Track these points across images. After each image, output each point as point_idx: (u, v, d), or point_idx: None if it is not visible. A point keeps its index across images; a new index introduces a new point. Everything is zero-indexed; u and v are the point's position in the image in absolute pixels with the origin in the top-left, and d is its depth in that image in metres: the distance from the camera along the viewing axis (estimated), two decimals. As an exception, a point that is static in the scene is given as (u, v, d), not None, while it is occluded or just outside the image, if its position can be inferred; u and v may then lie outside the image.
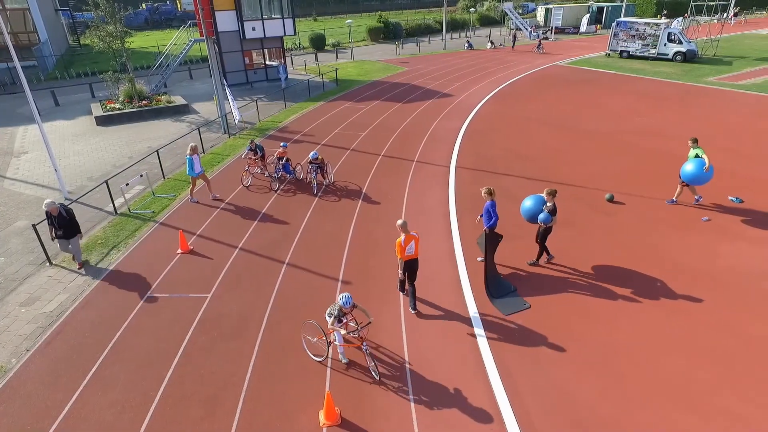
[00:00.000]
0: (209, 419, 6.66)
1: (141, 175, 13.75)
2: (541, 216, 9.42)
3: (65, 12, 48.50)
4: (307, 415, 6.67)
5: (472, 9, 56.62)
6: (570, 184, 13.88)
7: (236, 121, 20.59)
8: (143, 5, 64.70)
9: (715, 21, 43.53)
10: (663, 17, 46.40)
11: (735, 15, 54.54)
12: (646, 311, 8.63)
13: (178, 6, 61.38)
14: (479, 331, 8.24)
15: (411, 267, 8.44)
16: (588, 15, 51.55)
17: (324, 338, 7.56)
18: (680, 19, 45.79)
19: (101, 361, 7.76)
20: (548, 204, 9.45)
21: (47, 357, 7.86)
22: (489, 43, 42.97)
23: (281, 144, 14.97)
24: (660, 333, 8.08)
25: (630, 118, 20.28)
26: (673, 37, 33.16)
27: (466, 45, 42.58)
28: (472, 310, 8.74)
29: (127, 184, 13.17)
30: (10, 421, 6.69)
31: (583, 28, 51.21)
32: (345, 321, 7.35)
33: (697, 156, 11.74)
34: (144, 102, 22.92)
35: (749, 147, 16.56)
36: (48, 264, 10.57)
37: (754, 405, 6.68)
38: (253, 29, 27.09)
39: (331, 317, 7.19)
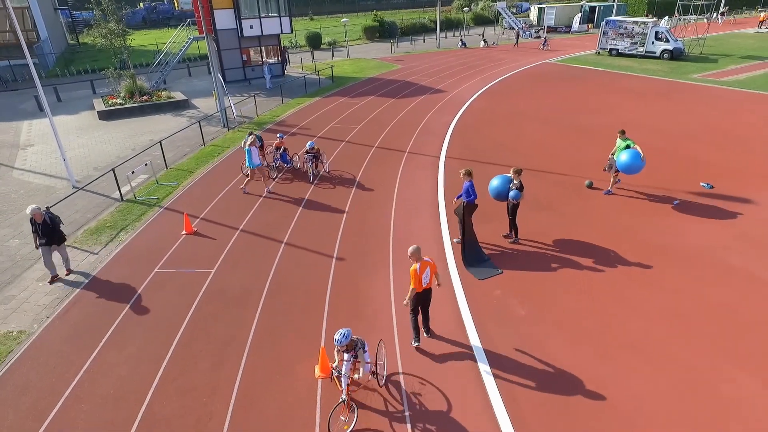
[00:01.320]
0: (216, 372, 7.41)
1: (146, 164, 14.47)
2: (512, 193, 10.26)
3: (64, 11, 49.06)
4: (304, 369, 7.43)
5: (466, 8, 57.45)
6: (552, 172, 14.69)
7: (234, 116, 21.30)
8: (141, 4, 65.30)
9: (705, 20, 44.45)
10: (648, 17, 47.39)
11: (722, 14, 55.59)
12: (614, 280, 9.43)
13: (176, 5, 61.93)
14: (461, 298, 9.01)
15: (426, 298, 7.64)
16: (580, 14, 52.46)
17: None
18: (667, 17, 46.74)
19: (116, 325, 8.50)
20: (515, 182, 10.29)
21: (66, 322, 8.60)
22: (482, 42, 43.78)
23: (278, 135, 15.72)
24: (624, 298, 8.89)
25: (616, 113, 21.09)
26: (660, 35, 34.08)
27: (460, 43, 43.39)
28: (457, 286, 9.50)
29: (132, 172, 13.88)
30: (37, 375, 7.43)
31: (575, 27, 52.13)
32: (350, 359, 6.59)
33: (628, 147, 12.36)
34: (145, 97, 23.61)
35: (724, 138, 17.41)
36: (61, 244, 11.27)
37: (703, 356, 7.48)
38: (251, 27, 27.82)
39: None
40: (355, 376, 6.82)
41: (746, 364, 7.32)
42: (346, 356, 6.59)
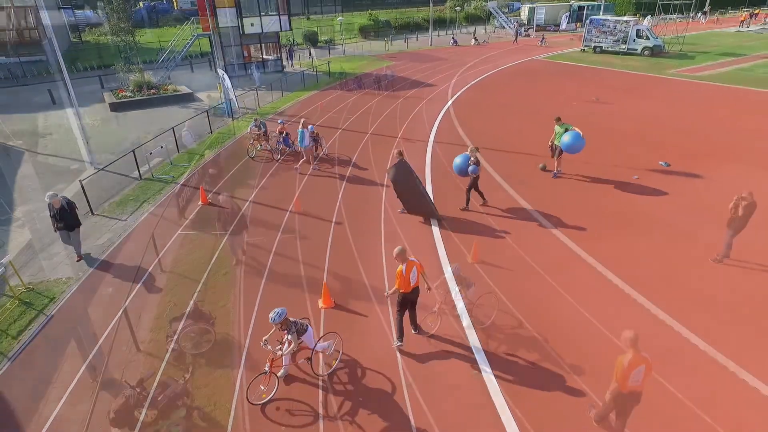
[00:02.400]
0: (239, 298, 9.02)
1: (161, 147, 15.98)
2: (471, 168, 11.83)
3: (67, 10, 50.40)
4: (311, 302, 8.99)
5: (459, 8, 59.14)
6: (527, 154, 16.30)
7: (237, 107, 22.82)
8: (141, 3, 66.47)
9: (689, 19, 46.31)
10: (636, 15, 49.22)
11: (704, 14, 57.57)
12: (573, 238, 11.03)
13: (175, 4, 63.31)
14: (443, 253, 10.60)
15: (413, 298, 7.64)
16: (567, 13, 54.24)
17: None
18: (649, 16, 48.58)
19: (149, 272, 10.06)
20: (472, 158, 11.86)
21: (107, 270, 10.19)
22: (473, 40, 45.45)
23: (278, 121, 17.28)
24: (581, 251, 10.48)
25: (595, 105, 22.71)
26: (641, 33, 35.84)
27: (452, 41, 45.03)
28: (439, 243, 11.09)
29: (150, 153, 15.41)
30: (91, 305, 9.03)
31: (563, 26, 53.90)
32: (287, 337, 6.82)
33: (567, 130, 13.79)
34: (152, 91, 25.08)
35: (688, 124, 19.10)
36: (91, 214, 12.77)
37: (647, 290, 9.10)
38: (252, 25, 29.33)
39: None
40: (278, 352, 6.87)
41: (679, 306, 8.97)
42: (287, 336, 6.83)
